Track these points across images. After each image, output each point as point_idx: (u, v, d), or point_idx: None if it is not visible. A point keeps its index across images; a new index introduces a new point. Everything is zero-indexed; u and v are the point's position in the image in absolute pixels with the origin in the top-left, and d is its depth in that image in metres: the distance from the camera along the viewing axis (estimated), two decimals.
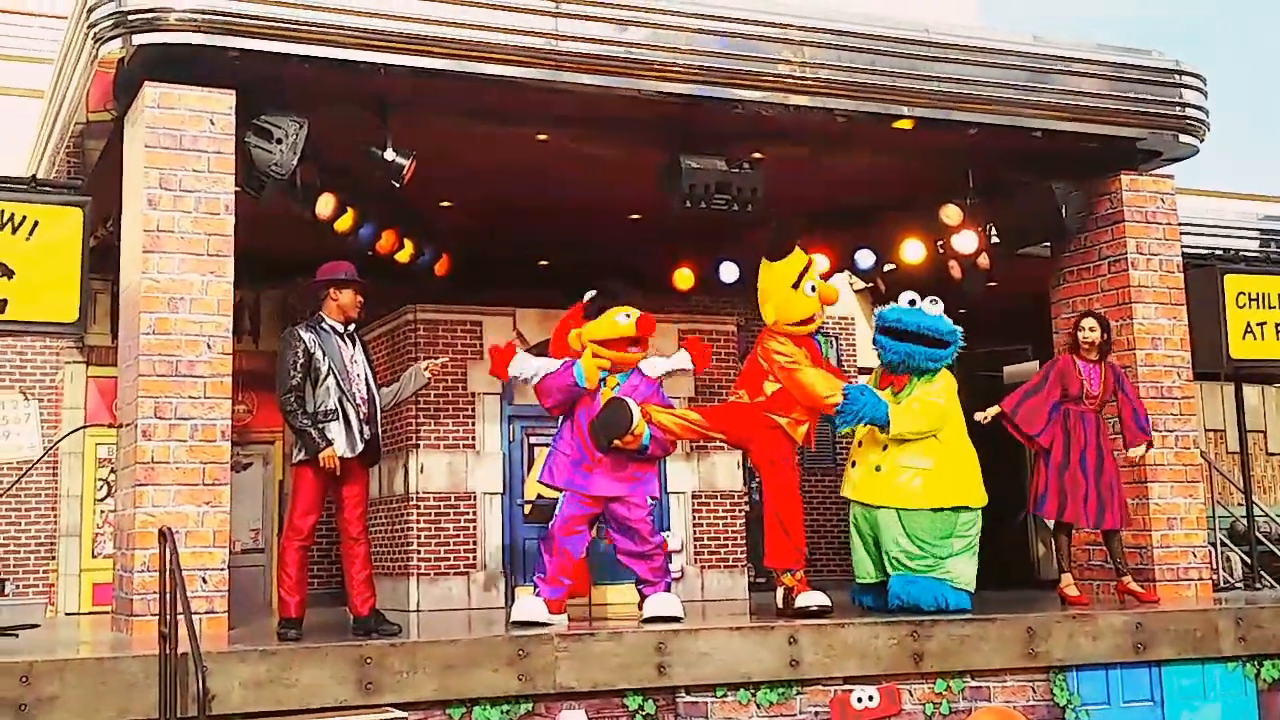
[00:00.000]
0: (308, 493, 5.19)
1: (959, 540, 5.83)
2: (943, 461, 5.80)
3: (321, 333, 5.27)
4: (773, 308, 5.88)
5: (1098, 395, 6.36)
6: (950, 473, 5.80)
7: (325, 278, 5.38)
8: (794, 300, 5.82)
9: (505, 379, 5.87)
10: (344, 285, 5.32)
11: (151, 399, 5.18)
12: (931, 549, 5.77)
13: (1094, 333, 6.36)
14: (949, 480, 5.80)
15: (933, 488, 5.76)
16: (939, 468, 5.78)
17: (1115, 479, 6.34)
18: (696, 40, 5.89)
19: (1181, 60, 6.94)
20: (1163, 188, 7.13)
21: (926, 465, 5.77)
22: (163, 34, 5.19)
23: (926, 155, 7.03)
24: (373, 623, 5.12)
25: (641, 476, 5.57)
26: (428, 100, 5.97)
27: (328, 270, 5.41)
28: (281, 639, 4.92)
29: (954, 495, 5.79)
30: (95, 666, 4.31)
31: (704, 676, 4.99)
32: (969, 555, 5.86)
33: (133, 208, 5.50)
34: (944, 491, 5.78)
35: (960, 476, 5.84)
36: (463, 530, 7.78)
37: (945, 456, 5.81)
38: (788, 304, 5.83)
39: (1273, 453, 11.39)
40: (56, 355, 8.89)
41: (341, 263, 5.43)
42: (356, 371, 5.27)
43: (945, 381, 5.88)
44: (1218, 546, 8.23)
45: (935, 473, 5.77)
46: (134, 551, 5.12)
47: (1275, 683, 5.88)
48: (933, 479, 5.77)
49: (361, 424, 5.21)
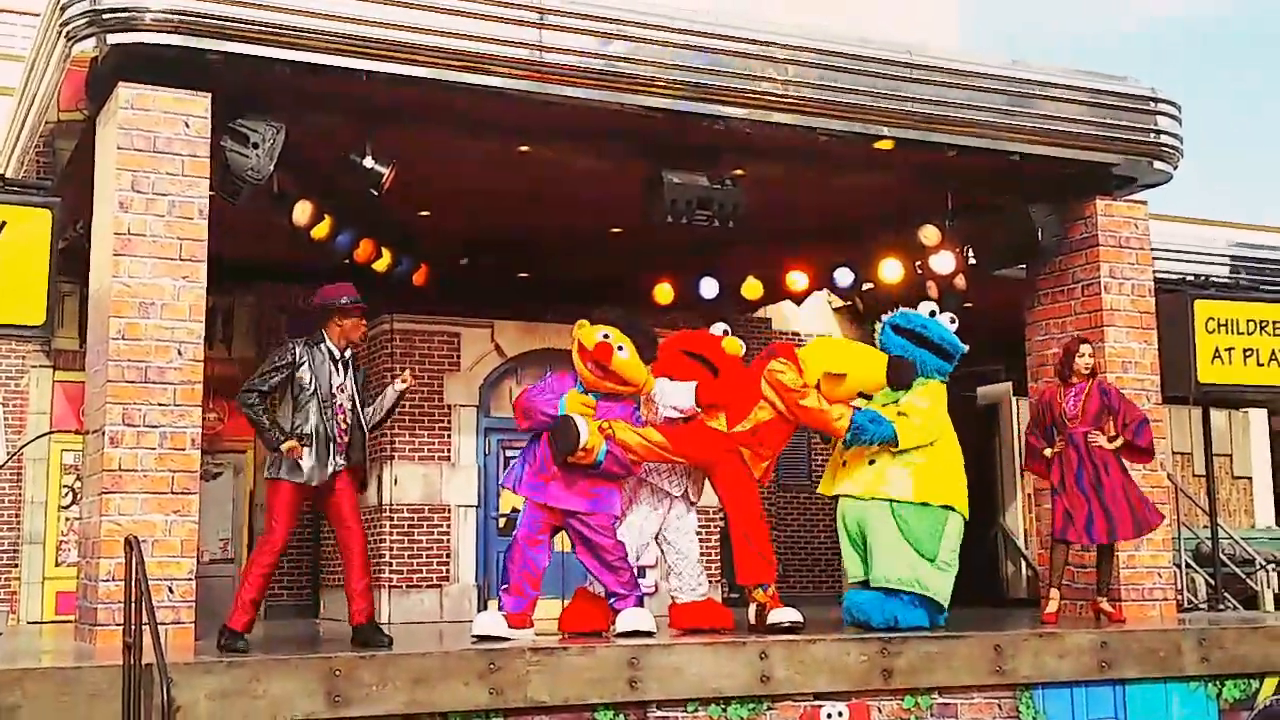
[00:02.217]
0: (281, 508, 5.12)
1: (944, 543, 5.83)
2: (934, 461, 5.87)
3: (316, 354, 5.19)
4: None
5: (1077, 415, 6.46)
6: (941, 472, 5.88)
7: (330, 301, 5.26)
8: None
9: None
10: (348, 312, 5.24)
11: (120, 405, 5.10)
12: (919, 545, 5.77)
13: (1092, 358, 6.52)
14: (940, 479, 5.87)
15: (924, 483, 5.82)
16: (930, 465, 5.85)
17: (1121, 490, 6.40)
18: (680, 55, 5.92)
19: (1156, 87, 7.06)
20: (1136, 213, 7.24)
21: (920, 461, 5.83)
22: (138, 34, 5.13)
23: (906, 176, 7.09)
24: (367, 633, 5.08)
25: (600, 493, 5.55)
26: (408, 109, 5.95)
27: (331, 293, 5.29)
28: (228, 650, 4.84)
29: (944, 494, 5.86)
30: (57, 676, 4.24)
31: (676, 691, 4.98)
32: (948, 567, 5.86)
33: (104, 210, 5.43)
34: (936, 489, 5.84)
35: (950, 479, 5.92)
36: (436, 543, 7.72)
37: (936, 457, 5.89)
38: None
39: (1238, 476, 11.55)
40: (22, 359, 8.74)
41: (344, 285, 5.34)
42: (342, 400, 5.19)
43: (936, 390, 5.99)
44: (1182, 568, 8.33)
45: (927, 469, 5.84)
46: (99, 560, 5.04)
47: (1237, 702, 5.95)
48: (924, 475, 5.83)
49: (335, 453, 5.14)
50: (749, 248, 6.12)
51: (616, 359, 5.51)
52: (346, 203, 6.73)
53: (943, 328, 6.05)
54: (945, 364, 6.03)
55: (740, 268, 8.52)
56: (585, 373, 5.57)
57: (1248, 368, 7.86)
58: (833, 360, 5.83)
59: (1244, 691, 5.98)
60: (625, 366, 5.55)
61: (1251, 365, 7.89)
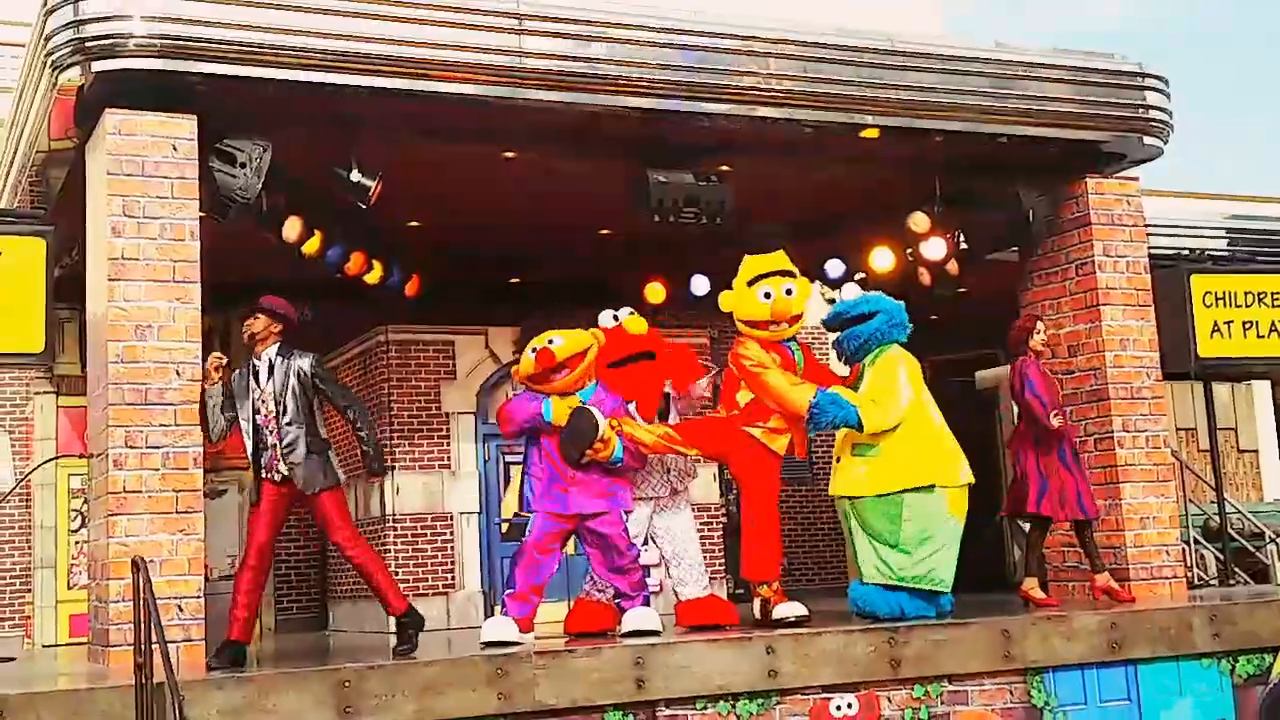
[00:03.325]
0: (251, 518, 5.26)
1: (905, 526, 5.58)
2: (894, 446, 5.62)
3: (241, 374, 5.24)
4: (729, 299, 5.87)
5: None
6: (901, 455, 5.61)
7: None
8: (745, 298, 5.78)
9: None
10: (242, 320, 5.30)
11: (122, 428, 5.14)
12: (879, 537, 5.62)
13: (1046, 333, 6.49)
14: (897, 463, 5.61)
15: (877, 475, 5.62)
16: (889, 452, 5.62)
17: (1082, 470, 6.44)
18: (661, 54, 5.92)
19: (1143, 62, 7.03)
20: (1128, 190, 7.20)
21: (875, 454, 5.65)
22: (122, 60, 5.16)
23: (893, 164, 7.08)
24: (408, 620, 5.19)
25: (616, 490, 5.56)
26: (392, 120, 5.96)
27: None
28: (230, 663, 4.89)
29: (901, 478, 5.58)
30: (70, 698, 4.28)
31: (683, 689, 4.98)
32: (943, 549, 5.62)
33: (96, 236, 5.46)
34: (889, 476, 5.61)
35: (915, 458, 5.61)
36: (440, 551, 7.75)
37: (899, 440, 5.62)
38: (739, 299, 5.81)
39: (1244, 449, 11.50)
40: (26, 385, 8.81)
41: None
42: (268, 408, 5.16)
43: (890, 359, 5.73)
44: (1191, 544, 8.30)
45: (883, 458, 5.62)
46: (108, 582, 5.08)
47: (1251, 678, 5.93)
48: (879, 465, 5.63)
49: (278, 460, 5.13)
50: (739, 244, 6.11)
51: (557, 350, 5.48)
52: (335, 217, 6.75)
53: (870, 297, 5.92)
54: (900, 333, 5.79)
55: (731, 264, 8.51)
56: (554, 387, 5.52)
57: (1248, 340, 7.84)
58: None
59: (1257, 667, 5.95)
60: (567, 346, 5.52)
61: (1251, 337, 7.86)
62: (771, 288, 5.76)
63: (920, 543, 5.61)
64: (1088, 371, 7.04)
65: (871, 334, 5.79)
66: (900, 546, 5.62)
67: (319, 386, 5.23)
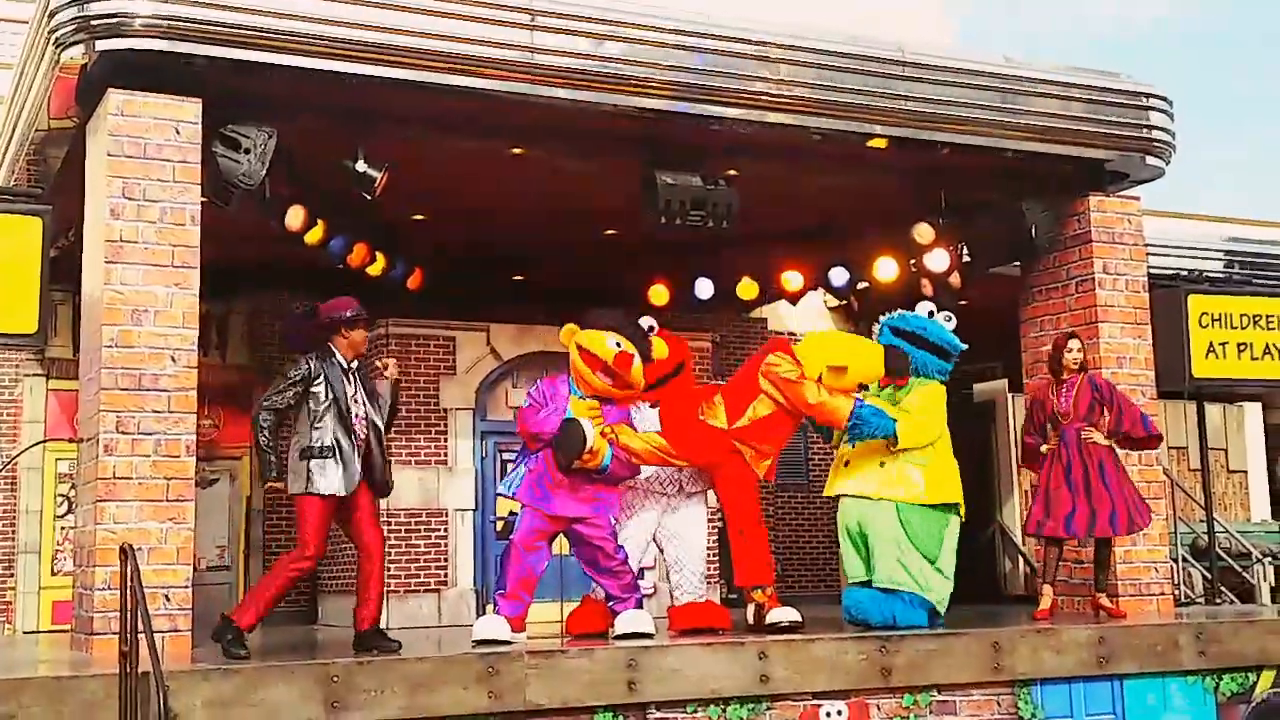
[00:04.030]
0: (313, 521, 5.11)
1: (944, 545, 5.84)
2: (937, 461, 5.87)
3: (329, 367, 5.22)
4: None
5: (1069, 411, 6.47)
6: (945, 473, 5.88)
7: (336, 315, 5.29)
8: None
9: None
10: (355, 324, 5.28)
11: (114, 413, 5.08)
12: (921, 546, 5.77)
13: (1081, 353, 6.52)
14: (944, 480, 5.87)
15: (931, 484, 5.82)
16: (935, 465, 5.85)
17: (1116, 486, 6.39)
18: (673, 56, 5.90)
19: (1149, 83, 7.07)
20: (1130, 209, 7.25)
21: (925, 462, 5.82)
22: (127, 40, 5.11)
23: (900, 174, 7.09)
24: (373, 638, 5.11)
25: (604, 497, 5.54)
26: (401, 112, 5.93)
27: (337, 306, 5.32)
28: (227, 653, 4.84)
29: (948, 494, 5.85)
30: (53, 685, 4.21)
31: (675, 693, 4.96)
32: (947, 571, 5.86)
33: (95, 217, 5.40)
34: (941, 489, 5.83)
35: (952, 479, 5.91)
36: (434, 547, 7.70)
37: (939, 457, 5.89)
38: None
39: (1233, 470, 11.56)
40: (16, 367, 8.71)
41: (348, 299, 5.37)
42: (358, 411, 5.23)
43: (936, 391, 5.97)
44: (1179, 562, 8.34)
45: (933, 469, 5.84)
46: (95, 569, 5.01)
47: (1234, 696, 5.96)
48: (931, 475, 5.83)
49: (359, 462, 5.17)
50: (744, 248, 6.10)
51: (635, 369, 5.45)
52: (340, 207, 6.71)
53: (941, 328, 6.03)
54: (945, 364, 6.01)
55: (735, 268, 8.52)
56: (595, 381, 5.48)
57: (1242, 361, 7.89)
58: (833, 353, 5.80)
59: (1241, 685, 5.99)
60: (639, 373, 5.51)
61: (1245, 359, 7.91)
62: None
63: (949, 564, 5.83)
64: None
65: (923, 363, 5.94)
66: (937, 564, 5.79)
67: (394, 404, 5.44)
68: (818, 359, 5.77)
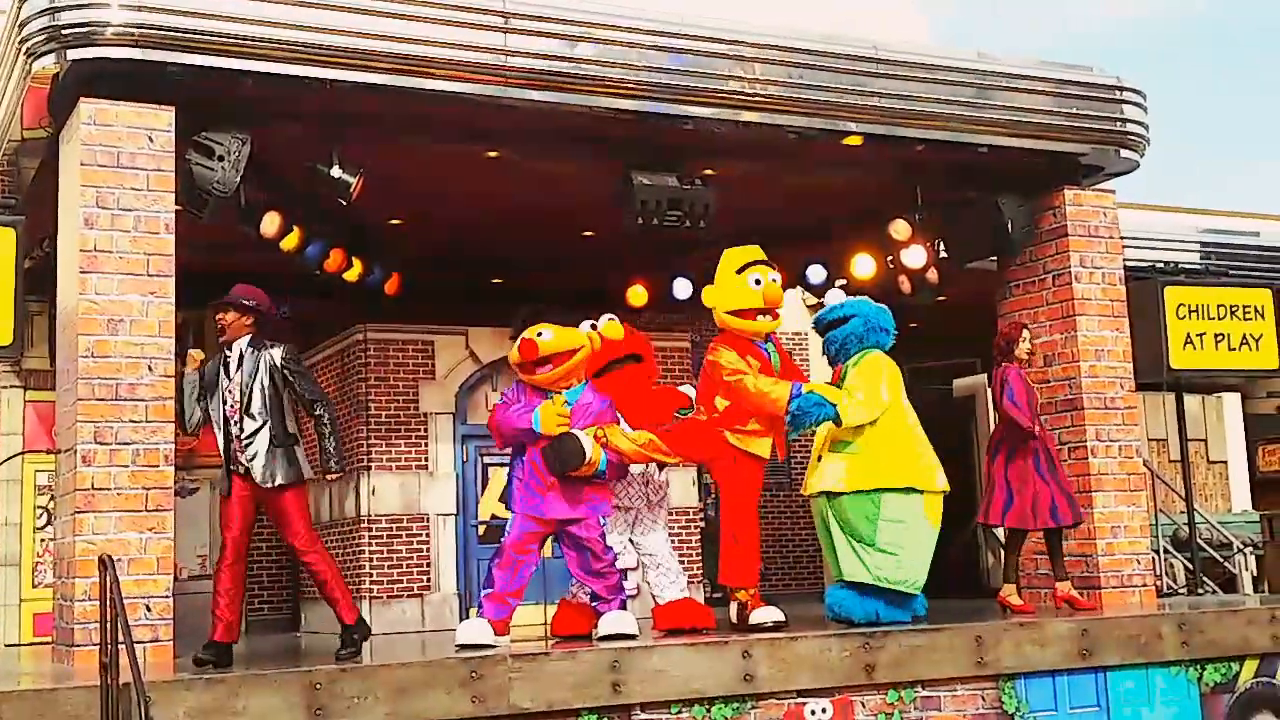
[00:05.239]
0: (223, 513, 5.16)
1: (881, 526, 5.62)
2: (871, 443, 5.68)
3: (213, 365, 5.18)
4: (715, 292, 5.79)
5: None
6: (878, 454, 5.67)
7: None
8: (732, 288, 5.73)
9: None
10: (215, 312, 5.23)
11: (91, 423, 5.05)
12: (854, 534, 5.66)
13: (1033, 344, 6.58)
14: (875, 462, 5.66)
15: (855, 471, 5.66)
16: (866, 449, 5.68)
17: (1064, 477, 6.51)
18: (647, 56, 5.91)
19: (1121, 76, 7.12)
20: (1105, 202, 7.29)
21: (854, 449, 5.69)
22: (98, 49, 5.08)
23: (875, 171, 7.12)
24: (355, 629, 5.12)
25: (595, 498, 5.55)
26: (375, 116, 5.92)
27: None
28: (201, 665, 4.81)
29: (877, 477, 5.63)
30: (35, 698, 4.19)
31: (659, 693, 4.96)
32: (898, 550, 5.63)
33: (69, 227, 5.37)
34: (866, 474, 5.65)
35: (891, 458, 5.67)
36: (415, 552, 7.68)
37: (876, 438, 5.69)
38: (726, 290, 5.75)
39: (1214, 461, 11.66)
40: None
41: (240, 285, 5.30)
42: (234, 399, 5.08)
43: (874, 360, 5.81)
44: (1161, 553, 8.41)
45: (861, 455, 5.67)
46: (74, 580, 4.98)
47: (1218, 686, 6.00)
48: (857, 462, 5.67)
49: (239, 453, 5.04)
50: (721, 248, 6.11)
51: (541, 344, 5.44)
52: (315, 213, 6.69)
53: (849, 301, 5.99)
54: (880, 336, 5.86)
55: (713, 268, 8.52)
56: (536, 380, 5.51)
57: (1219, 352, 7.96)
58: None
59: (1225, 675, 6.03)
60: (555, 342, 5.47)
61: (1223, 350, 7.99)
62: (760, 275, 5.73)
63: (899, 545, 5.65)
64: (1063, 381, 7.11)
65: (847, 337, 5.87)
66: (878, 547, 5.65)
67: (288, 378, 5.12)
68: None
